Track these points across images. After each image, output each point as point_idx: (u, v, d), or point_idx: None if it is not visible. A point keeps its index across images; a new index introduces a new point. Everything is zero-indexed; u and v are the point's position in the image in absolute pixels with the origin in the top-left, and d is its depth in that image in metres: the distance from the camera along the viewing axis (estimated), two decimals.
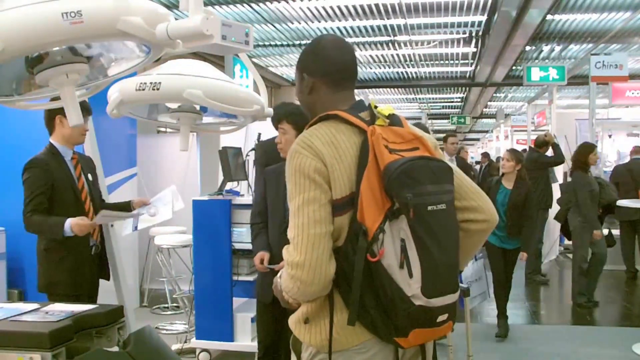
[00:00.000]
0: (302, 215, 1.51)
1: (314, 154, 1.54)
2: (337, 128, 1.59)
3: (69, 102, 2.13)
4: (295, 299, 1.61)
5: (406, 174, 1.48)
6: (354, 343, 1.55)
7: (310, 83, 1.70)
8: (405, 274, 1.47)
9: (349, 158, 1.55)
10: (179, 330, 5.18)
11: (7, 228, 5.03)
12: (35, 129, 5.08)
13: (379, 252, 1.47)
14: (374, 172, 1.50)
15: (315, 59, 1.70)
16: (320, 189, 1.52)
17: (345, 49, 1.72)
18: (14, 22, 1.74)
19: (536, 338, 4.93)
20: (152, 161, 6.57)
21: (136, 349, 2.40)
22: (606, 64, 8.81)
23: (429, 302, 1.47)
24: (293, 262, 1.51)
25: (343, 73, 1.70)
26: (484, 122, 24.15)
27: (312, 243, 1.49)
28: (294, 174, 1.54)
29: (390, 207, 1.49)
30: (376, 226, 1.48)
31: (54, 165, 3.21)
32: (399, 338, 1.51)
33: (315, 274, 1.49)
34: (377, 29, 10.18)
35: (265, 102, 2.77)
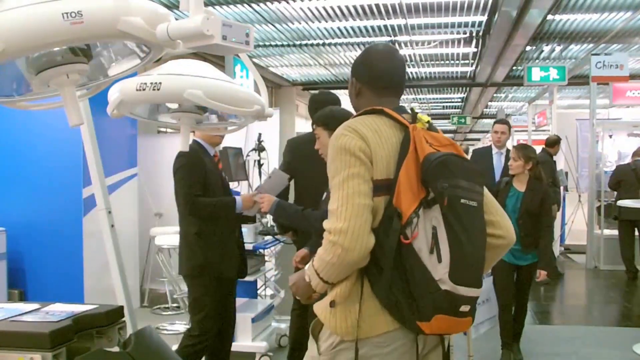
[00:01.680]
0: (347, 187, 1.58)
1: (359, 136, 1.63)
2: (381, 120, 1.69)
3: (70, 103, 2.12)
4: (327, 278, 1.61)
5: (444, 165, 1.57)
6: (377, 332, 1.60)
7: (358, 87, 1.83)
8: (435, 258, 1.53)
9: (390, 147, 1.64)
10: (180, 331, 5.18)
11: (8, 228, 5.04)
12: (35, 130, 5.11)
13: (412, 235, 1.54)
14: (413, 162, 1.59)
15: (363, 66, 1.83)
16: (365, 166, 1.60)
17: (392, 60, 1.83)
18: (15, 22, 1.74)
19: (536, 338, 4.92)
20: (152, 161, 6.57)
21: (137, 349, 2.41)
22: (607, 64, 8.81)
23: (455, 288, 1.53)
24: (336, 229, 1.55)
25: (386, 82, 1.80)
26: (484, 122, 24.11)
27: (356, 212, 1.55)
28: (339, 152, 1.62)
29: (425, 196, 1.57)
30: (411, 210, 1.55)
31: (204, 156, 3.46)
32: (422, 322, 1.55)
33: (358, 241, 1.54)
34: (378, 29, 10.18)
35: (265, 103, 2.77)
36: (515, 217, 4.17)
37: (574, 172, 9.91)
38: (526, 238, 4.16)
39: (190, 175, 3.34)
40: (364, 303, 1.60)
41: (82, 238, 5.04)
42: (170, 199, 6.74)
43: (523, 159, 4.26)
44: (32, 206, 5.16)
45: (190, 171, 3.35)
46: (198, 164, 3.38)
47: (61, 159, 5.09)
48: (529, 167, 4.26)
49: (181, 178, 3.36)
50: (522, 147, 4.43)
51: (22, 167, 5.21)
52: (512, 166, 4.30)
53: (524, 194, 4.23)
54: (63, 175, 5.09)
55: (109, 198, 3.51)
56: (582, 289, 7.82)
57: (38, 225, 5.13)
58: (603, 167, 8.94)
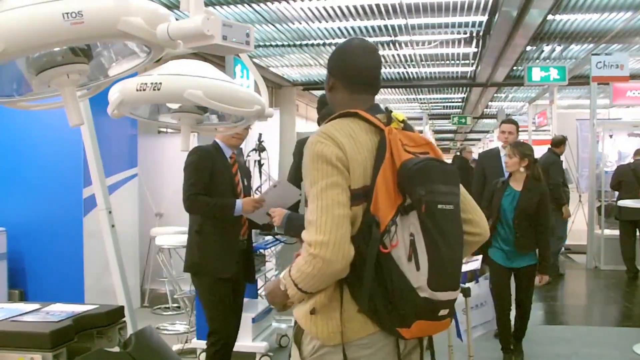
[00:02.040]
0: (325, 197, 1.56)
1: (335, 143, 1.60)
2: (356, 124, 1.66)
3: (70, 103, 2.13)
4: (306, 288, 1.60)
5: (422, 172, 1.56)
6: (360, 335, 1.60)
7: (331, 82, 1.80)
8: (413, 266, 1.53)
9: (366, 152, 1.61)
10: (180, 331, 5.19)
11: (8, 229, 5.04)
12: (36, 130, 5.11)
13: (390, 244, 1.54)
14: (390, 168, 1.58)
15: (337, 60, 1.80)
16: (342, 175, 1.58)
17: (367, 56, 1.78)
18: (15, 22, 1.74)
19: (536, 338, 4.92)
20: (153, 161, 6.58)
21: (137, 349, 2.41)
22: (607, 64, 8.81)
23: (434, 294, 1.54)
24: (317, 242, 1.53)
25: (360, 78, 1.77)
26: (484, 123, 24.12)
27: (336, 223, 1.54)
28: (316, 160, 1.59)
29: (402, 202, 1.56)
30: (389, 219, 1.54)
31: (216, 156, 3.45)
32: (402, 328, 1.57)
33: (339, 253, 1.53)
34: (378, 29, 10.18)
35: (265, 103, 2.77)
36: (511, 217, 4.06)
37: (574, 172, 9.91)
38: (521, 239, 4.04)
39: (195, 173, 3.36)
40: (344, 309, 1.60)
41: (82, 238, 5.04)
42: (170, 199, 6.77)
43: (518, 156, 4.13)
44: (33, 206, 5.16)
45: (196, 169, 3.37)
46: (206, 162, 3.39)
47: (61, 159, 5.09)
48: (524, 164, 4.12)
49: (186, 175, 3.40)
50: (518, 144, 4.31)
51: (23, 168, 5.21)
52: (508, 163, 4.19)
53: (521, 194, 4.10)
54: (63, 175, 5.10)
55: (109, 198, 3.51)
56: (582, 289, 7.82)
57: (38, 225, 5.13)
58: (603, 167, 8.94)
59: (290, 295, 1.65)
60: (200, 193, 3.31)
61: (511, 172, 4.21)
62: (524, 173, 4.14)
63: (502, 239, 4.14)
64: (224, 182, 3.42)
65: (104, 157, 3.50)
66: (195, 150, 3.46)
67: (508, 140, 5.15)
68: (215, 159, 3.43)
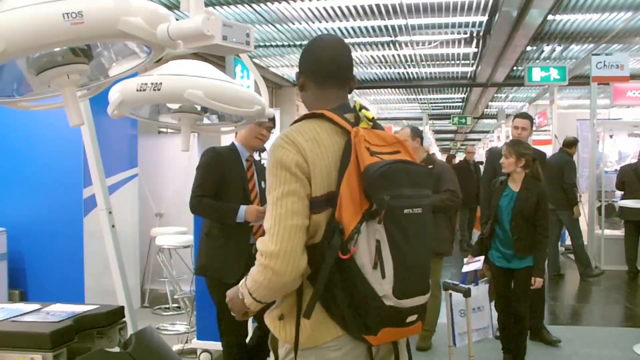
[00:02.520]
0: (280, 206, 1.53)
1: (296, 149, 1.56)
2: (322, 127, 1.62)
3: (70, 103, 2.13)
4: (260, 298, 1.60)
5: (384, 176, 1.51)
6: (327, 339, 1.57)
7: (301, 80, 1.76)
8: (378, 274, 1.50)
9: (331, 157, 1.57)
10: (180, 331, 5.19)
11: (9, 229, 5.04)
12: (36, 130, 5.11)
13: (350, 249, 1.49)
14: (355, 173, 1.53)
15: (304, 57, 1.76)
16: (300, 183, 1.54)
17: (334, 49, 1.74)
18: (15, 22, 1.74)
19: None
20: (153, 162, 6.58)
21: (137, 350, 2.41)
22: (607, 64, 8.81)
23: (400, 302, 1.51)
24: (267, 252, 1.52)
25: (327, 72, 1.72)
26: (485, 123, 24.12)
27: (287, 234, 1.51)
28: (275, 166, 1.57)
29: (368, 208, 1.51)
30: (353, 225, 1.50)
31: (230, 158, 3.36)
32: (369, 336, 1.55)
33: (289, 265, 1.51)
34: (378, 30, 10.18)
35: (266, 103, 2.77)
36: (508, 218, 3.94)
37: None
38: (519, 242, 3.91)
39: (204, 174, 3.31)
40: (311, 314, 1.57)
41: (82, 238, 5.03)
42: (170, 199, 6.77)
43: (515, 156, 3.97)
44: (33, 206, 5.16)
45: (205, 170, 3.32)
46: (217, 164, 3.31)
47: (62, 159, 5.09)
48: (521, 164, 3.96)
49: (196, 175, 3.36)
50: (514, 143, 4.13)
51: (23, 168, 5.21)
52: (504, 164, 4.03)
53: (518, 194, 3.95)
54: (63, 175, 5.09)
55: (109, 198, 3.51)
56: (582, 289, 7.81)
57: (39, 225, 5.13)
58: (603, 168, 8.94)
59: (247, 304, 1.63)
60: (205, 195, 3.25)
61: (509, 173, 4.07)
62: (522, 173, 4.00)
63: (500, 241, 4.05)
64: (234, 186, 3.31)
65: (104, 157, 3.50)
66: (209, 151, 3.39)
67: (522, 137, 4.77)
68: (228, 161, 3.34)
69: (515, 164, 3.97)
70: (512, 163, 3.97)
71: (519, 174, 4.00)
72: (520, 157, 3.96)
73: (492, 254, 4.11)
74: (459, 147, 31.83)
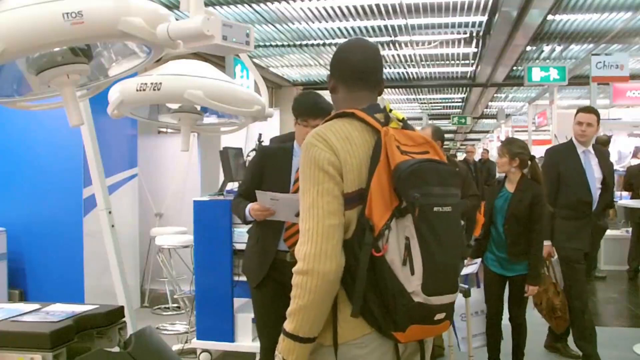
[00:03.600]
0: (317, 207, 1.54)
1: (329, 147, 1.58)
2: (352, 125, 1.64)
3: (70, 103, 2.13)
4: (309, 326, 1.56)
5: (415, 174, 1.53)
6: (355, 336, 1.58)
7: (332, 83, 1.79)
8: (407, 271, 1.51)
9: (362, 155, 1.59)
10: (180, 331, 5.18)
11: (8, 228, 5.04)
12: (36, 130, 5.11)
13: (382, 248, 1.51)
14: (385, 171, 1.55)
15: (335, 61, 1.79)
16: (334, 181, 1.56)
17: (363, 53, 1.76)
18: (15, 22, 1.74)
19: (536, 338, 4.91)
20: (152, 162, 6.58)
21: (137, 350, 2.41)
22: (607, 64, 8.81)
23: (428, 299, 1.52)
24: (309, 254, 1.52)
25: (358, 74, 1.74)
26: (484, 123, 24.14)
27: (327, 233, 1.53)
28: (309, 166, 1.58)
29: (398, 205, 1.53)
30: (383, 222, 1.52)
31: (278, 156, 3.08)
32: (397, 333, 1.55)
33: (332, 263, 1.52)
34: (378, 30, 10.18)
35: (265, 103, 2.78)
36: (502, 220, 3.76)
37: None
38: (513, 246, 3.72)
39: (246, 173, 3.26)
40: (339, 310, 1.59)
41: (82, 238, 5.03)
42: (170, 199, 6.77)
43: (508, 156, 3.77)
44: (33, 206, 5.16)
45: (248, 168, 3.26)
46: (259, 163, 3.09)
47: (61, 159, 5.09)
48: (515, 164, 3.76)
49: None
50: (507, 142, 3.93)
51: (23, 168, 5.21)
52: (498, 163, 3.87)
53: (512, 196, 3.77)
54: (63, 175, 5.09)
55: (109, 198, 3.51)
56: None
57: (38, 225, 5.13)
58: None
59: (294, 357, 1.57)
60: (241, 194, 3.12)
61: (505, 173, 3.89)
62: (517, 173, 3.80)
63: (495, 244, 3.88)
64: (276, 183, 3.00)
65: (104, 157, 3.50)
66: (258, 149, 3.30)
67: (586, 134, 4.15)
68: (275, 159, 3.06)
69: (509, 164, 3.79)
70: (506, 163, 3.80)
71: (514, 174, 3.81)
72: (513, 156, 3.77)
73: (487, 256, 3.96)
74: (459, 147, 31.84)
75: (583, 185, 4.13)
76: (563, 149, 4.48)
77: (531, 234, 3.70)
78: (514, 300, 3.86)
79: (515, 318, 3.91)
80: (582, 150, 4.21)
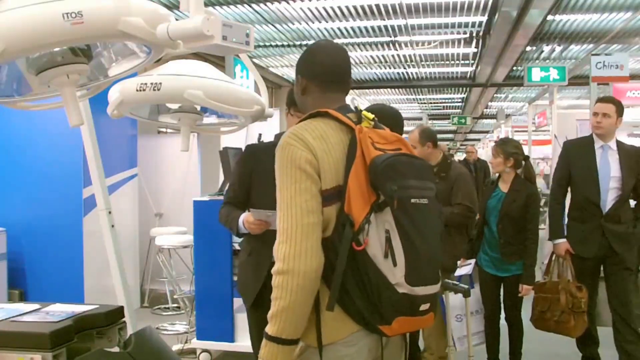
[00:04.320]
0: (294, 205, 1.55)
1: (305, 146, 1.59)
2: (327, 125, 1.66)
3: (70, 103, 2.13)
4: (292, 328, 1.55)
5: (391, 167, 1.57)
6: (342, 335, 1.59)
7: (304, 84, 1.79)
8: (390, 263, 1.54)
9: (337, 152, 1.62)
10: (180, 331, 5.19)
11: (8, 229, 5.04)
12: (35, 130, 5.11)
13: (363, 242, 1.53)
14: (361, 167, 1.58)
15: (307, 62, 1.80)
16: (312, 180, 1.57)
17: (336, 55, 1.80)
18: (15, 22, 1.74)
19: (536, 338, 4.92)
20: (152, 162, 6.58)
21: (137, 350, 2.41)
22: (607, 65, 8.79)
23: (412, 290, 1.55)
24: (288, 255, 1.53)
25: (331, 76, 1.77)
26: (484, 123, 24.14)
27: (305, 232, 1.54)
28: (286, 165, 1.58)
29: (376, 200, 1.56)
30: (362, 216, 1.54)
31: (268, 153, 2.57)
32: (383, 326, 1.57)
33: (312, 262, 1.53)
34: (378, 30, 10.18)
35: (265, 103, 2.77)
36: (496, 220, 3.76)
37: None
38: (506, 246, 3.72)
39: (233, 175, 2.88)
40: (322, 309, 1.58)
41: (82, 238, 5.04)
42: (170, 199, 6.77)
43: (502, 156, 3.78)
44: (33, 206, 5.16)
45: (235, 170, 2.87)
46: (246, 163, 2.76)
47: (61, 159, 5.09)
48: (510, 164, 3.78)
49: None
50: (501, 142, 3.93)
51: (23, 168, 5.21)
52: (492, 163, 3.86)
53: (506, 196, 3.77)
54: (63, 175, 5.09)
55: (109, 198, 3.51)
56: None
57: (38, 225, 5.13)
58: None
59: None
60: (229, 203, 2.76)
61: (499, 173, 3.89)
62: (511, 173, 3.81)
63: (488, 244, 3.88)
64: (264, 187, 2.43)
65: (104, 157, 3.50)
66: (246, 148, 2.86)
67: (602, 126, 3.85)
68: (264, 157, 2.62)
69: (504, 164, 3.80)
70: (500, 163, 3.81)
71: (508, 174, 3.83)
72: (508, 156, 3.79)
73: (480, 257, 3.96)
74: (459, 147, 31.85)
75: (592, 183, 3.77)
76: (579, 142, 4.18)
77: (525, 234, 3.72)
78: (509, 301, 3.88)
79: (511, 318, 3.94)
80: (600, 144, 3.88)
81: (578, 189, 3.88)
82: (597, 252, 3.79)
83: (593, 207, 3.78)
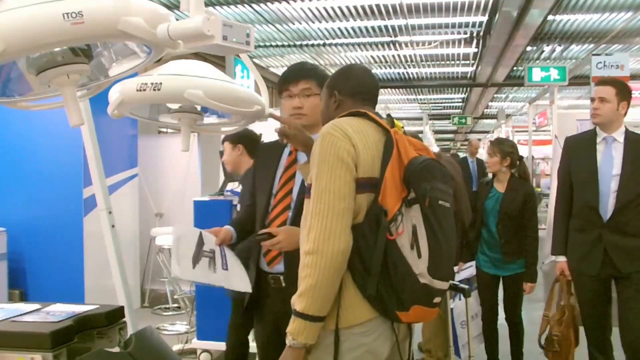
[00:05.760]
0: (329, 191, 1.66)
1: (346, 137, 1.71)
2: (365, 123, 1.80)
3: (70, 103, 2.13)
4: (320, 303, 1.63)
5: (427, 169, 1.71)
6: (360, 320, 1.68)
7: (339, 100, 1.94)
8: (415, 254, 1.65)
9: (374, 148, 1.74)
10: (180, 331, 5.19)
11: (9, 229, 5.04)
12: (36, 130, 5.11)
13: (396, 232, 1.66)
14: (397, 164, 1.71)
15: (346, 80, 1.97)
16: (348, 169, 1.68)
17: (367, 73, 2.02)
18: (15, 22, 1.74)
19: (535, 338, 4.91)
20: (153, 162, 6.58)
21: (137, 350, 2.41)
22: (607, 65, 8.79)
23: (432, 281, 1.66)
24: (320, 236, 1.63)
25: (367, 94, 1.97)
26: (485, 123, 24.15)
27: (337, 215, 1.65)
28: (326, 153, 1.69)
29: (406, 196, 1.69)
30: (396, 209, 1.67)
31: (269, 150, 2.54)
32: (400, 312, 1.67)
33: (341, 242, 1.63)
34: (378, 30, 10.18)
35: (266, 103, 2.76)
36: (495, 221, 3.79)
37: None
38: (506, 245, 3.74)
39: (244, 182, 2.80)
40: (344, 293, 1.68)
41: (82, 238, 5.04)
42: (170, 199, 6.77)
43: (499, 155, 3.80)
44: (33, 206, 5.16)
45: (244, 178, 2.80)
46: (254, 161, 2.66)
47: (61, 159, 5.09)
48: (506, 163, 3.81)
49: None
50: (498, 142, 3.96)
51: (23, 167, 5.21)
52: (489, 163, 3.88)
53: (504, 195, 3.79)
54: (63, 175, 5.10)
55: (109, 198, 3.51)
56: None
57: (38, 225, 5.13)
58: None
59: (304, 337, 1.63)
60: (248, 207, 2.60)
61: (494, 173, 3.90)
62: (507, 172, 3.83)
63: (487, 245, 3.89)
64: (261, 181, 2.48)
65: (104, 157, 3.50)
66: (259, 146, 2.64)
67: (599, 113, 3.17)
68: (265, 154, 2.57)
69: (500, 164, 3.82)
70: (497, 162, 3.83)
71: (504, 173, 3.85)
72: (505, 156, 3.81)
73: (479, 258, 3.96)
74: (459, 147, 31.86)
75: (592, 184, 3.15)
76: (580, 137, 3.51)
77: (525, 232, 3.75)
78: (510, 300, 3.90)
79: (511, 317, 3.95)
80: (602, 137, 3.22)
81: (577, 193, 3.26)
82: (599, 271, 3.13)
83: (592, 213, 3.14)
